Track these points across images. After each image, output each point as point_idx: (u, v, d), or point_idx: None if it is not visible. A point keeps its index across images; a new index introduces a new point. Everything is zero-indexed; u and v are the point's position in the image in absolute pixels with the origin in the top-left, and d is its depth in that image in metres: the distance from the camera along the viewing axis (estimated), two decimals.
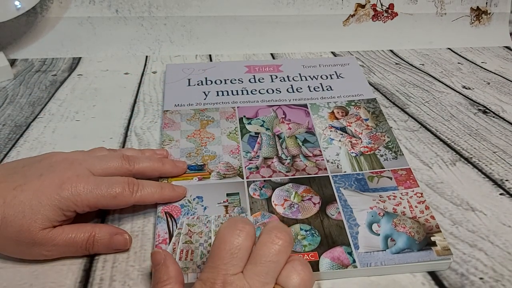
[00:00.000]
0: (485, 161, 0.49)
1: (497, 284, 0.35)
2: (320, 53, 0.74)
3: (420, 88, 0.64)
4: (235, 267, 0.28)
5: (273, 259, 0.28)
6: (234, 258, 0.28)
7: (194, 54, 0.72)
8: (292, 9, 0.74)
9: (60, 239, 0.33)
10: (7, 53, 0.67)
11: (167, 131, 0.48)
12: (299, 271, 0.29)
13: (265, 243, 0.29)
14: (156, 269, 0.31)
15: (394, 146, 0.47)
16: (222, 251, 0.28)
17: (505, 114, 0.58)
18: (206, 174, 0.43)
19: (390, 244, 0.37)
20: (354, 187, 0.42)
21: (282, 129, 0.50)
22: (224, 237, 0.29)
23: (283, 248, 0.29)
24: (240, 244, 0.28)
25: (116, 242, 0.35)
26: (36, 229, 0.32)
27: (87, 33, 0.70)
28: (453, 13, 0.79)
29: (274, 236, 0.29)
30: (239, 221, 0.29)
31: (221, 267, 0.28)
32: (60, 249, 0.34)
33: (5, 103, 0.57)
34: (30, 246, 0.33)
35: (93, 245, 0.34)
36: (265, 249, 0.28)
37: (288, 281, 0.29)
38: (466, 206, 0.42)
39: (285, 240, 0.29)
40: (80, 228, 0.34)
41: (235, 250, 0.28)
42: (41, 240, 0.33)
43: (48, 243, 0.33)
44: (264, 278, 0.28)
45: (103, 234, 0.35)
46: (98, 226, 0.36)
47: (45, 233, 0.33)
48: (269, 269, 0.28)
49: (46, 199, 0.33)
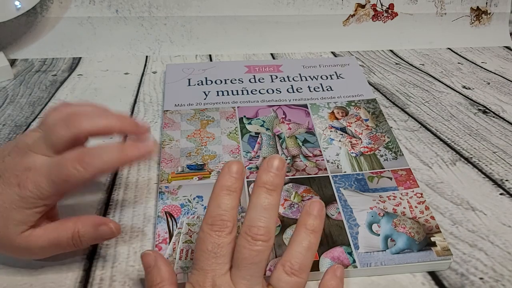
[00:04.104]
0: (485, 161, 0.49)
1: (497, 284, 0.35)
2: (320, 53, 0.74)
3: (420, 88, 0.64)
4: (222, 266, 0.28)
5: (255, 260, 0.28)
6: (218, 257, 0.28)
7: (194, 54, 0.72)
8: (292, 9, 0.74)
9: (43, 241, 0.31)
10: (7, 53, 0.67)
11: (167, 131, 0.48)
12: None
13: (244, 246, 0.28)
14: (148, 271, 0.30)
15: (394, 146, 0.47)
16: (205, 252, 0.28)
17: (505, 114, 0.58)
18: (206, 173, 0.43)
19: (390, 244, 0.37)
20: (354, 187, 0.42)
21: (282, 129, 0.50)
22: (204, 238, 0.28)
23: (263, 246, 0.28)
24: (221, 242, 0.28)
25: (103, 233, 0.32)
26: (14, 235, 0.30)
27: (87, 33, 0.70)
28: (453, 13, 0.79)
29: (252, 236, 0.28)
30: (216, 218, 0.28)
31: (207, 268, 0.28)
32: (47, 250, 0.32)
33: (5, 103, 0.57)
34: (16, 251, 0.32)
35: (80, 240, 0.32)
36: (245, 252, 0.28)
37: (279, 284, 0.29)
38: (466, 206, 0.42)
39: (263, 239, 0.28)
40: (61, 226, 0.32)
41: (217, 249, 0.28)
42: (23, 245, 0.31)
43: (32, 247, 0.31)
44: (249, 280, 0.28)
45: (87, 228, 0.32)
46: (80, 220, 0.32)
47: (24, 237, 0.31)
48: (253, 271, 0.28)
49: (9, 203, 0.30)
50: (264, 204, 0.29)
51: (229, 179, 0.29)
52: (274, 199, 0.29)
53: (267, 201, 0.29)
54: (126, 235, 0.38)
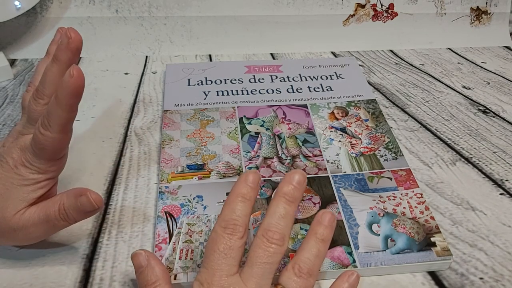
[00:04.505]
0: (485, 161, 0.49)
1: (497, 284, 0.35)
2: (320, 53, 0.74)
3: (420, 88, 0.64)
4: (230, 267, 0.28)
5: (268, 260, 0.29)
6: (227, 259, 0.28)
7: (194, 54, 0.72)
8: (292, 9, 0.74)
9: (35, 218, 0.32)
10: (7, 53, 0.67)
11: (167, 131, 0.48)
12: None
13: (259, 246, 0.29)
14: (141, 272, 0.30)
15: (394, 146, 0.47)
16: (216, 252, 0.28)
17: (505, 114, 0.58)
18: (206, 173, 0.43)
19: (390, 244, 0.37)
20: (354, 188, 0.42)
21: (282, 129, 0.50)
22: (216, 238, 0.29)
23: (277, 249, 0.29)
24: (232, 244, 0.29)
25: (83, 204, 0.32)
26: (10, 215, 0.32)
27: (87, 33, 0.70)
28: (453, 13, 0.79)
29: (268, 239, 0.29)
30: (230, 222, 0.29)
31: (215, 267, 0.28)
32: (41, 228, 0.33)
33: (5, 103, 0.57)
34: (12, 232, 0.32)
35: (66, 214, 0.32)
36: (260, 251, 0.29)
37: (289, 282, 0.29)
38: (466, 205, 0.42)
39: (278, 243, 0.29)
40: (50, 202, 0.33)
41: (228, 251, 0.28)
42: (18, 224, 0.32)
43: (26, 225, 0.32)
44: (260, 279, 0.29)
45: (70, 200, 0.32)
46: (65, 193, 0.33)
47: (19, 216, 0.32)
48: (265, 271, 0.29)
49: (10, 184, 0.32)
50: (282, 213, 0.30)
51: (245, 187, 0.30)
52: (292, 209, 0.30)
53: (285, 211, 0.30)
54: (126, 235, 0.38)
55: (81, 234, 0.38)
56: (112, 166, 0.46)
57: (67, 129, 0.32)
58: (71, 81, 0.30)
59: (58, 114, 0.31)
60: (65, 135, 0.32)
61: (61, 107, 0.31)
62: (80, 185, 0.43)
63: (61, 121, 0.31)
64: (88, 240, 0.38)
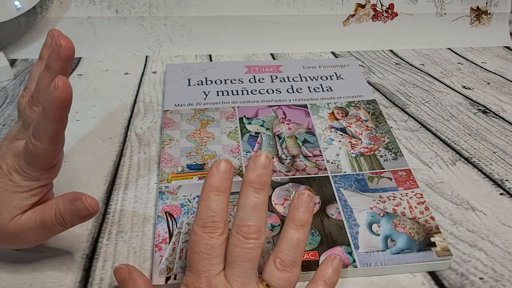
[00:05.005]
0: (485, 161, 0.49)
1: (497, 284, 0.35)
2: (320, 53, 0.74)
3: (420, 88, 0.64)
4: (215, 267, 0.28)
5: (248, 258, 0.28)
6: (211, 259, 0.28)
7: (194, 54, 0.72)
8: (292, 9, 0.74)
9: (32, 223, 0.32)
10: (7, 53, 0.67)
11: (167, 131, 0.48)
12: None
13: (236, 245, 0.28)
14: (123, 284, 0.30)
15: (394, 147, 0.47)
16: (198, 254, 0.28)
17: (505, 114, 0.58)
18: (206, 173, 0.43)
19: (390, 244, 0.37)
20: (354, 188, 0.42)
21: (282, 129, 0.50)
22: (196, 240, 0.28)
23: (255, 244, 0.28)
24: (213, 243, 0.28)
25: (79, 208, 0.31)
26: (5, 221, 0.31)
27: (87, 33, 0.70)
28: (453, 13, 0.79)
29: (243, 235, 0.28)
30: (207, 220, 0.29)
31: (200, 270, 0.28)
32: (38, 233, 0.32)
33: (5, 103, 0.57)
34: (9, 237, 0.32)
35: (63, 219, 0.32)
36: (238, 250, 0.28)
37: (272, 279, 0.29)
38: (466, 205, 0.42)
39: (255, 237, 0.28)
40: (46, 206, 0.32)
41: (210, 251, 0.28)
42: (15, 230, 0.31)
43: (23, 230, 0.32)
44: (244, 278, 0.28)
45: (66, 204, 0.31)
46: (61, 197, 0.32)
47: (14, 222, 0.31)
48: (247, 269, 0.28)
49: (4, 190, 0.31)
50: (252, 204, 0.29)
51: (218, 179, 0.29)
52: (262, 197, 0.29)
53: (255, 200, 0.29)
54: (126, 235, 0.38)
55: (81, 234, 0.38)
56: (112, 166, 0.46)
57: (58, 139, 0.31)
58: (56, 94, 0.29)
59: (47, 125, 0.30)
60: (56, 145, 0.31)
61: (49, 119, 0.30)
62: (80, 185, 0.43)
63: (51, 132, 0.30)
64: (88, 240, 0.38)
